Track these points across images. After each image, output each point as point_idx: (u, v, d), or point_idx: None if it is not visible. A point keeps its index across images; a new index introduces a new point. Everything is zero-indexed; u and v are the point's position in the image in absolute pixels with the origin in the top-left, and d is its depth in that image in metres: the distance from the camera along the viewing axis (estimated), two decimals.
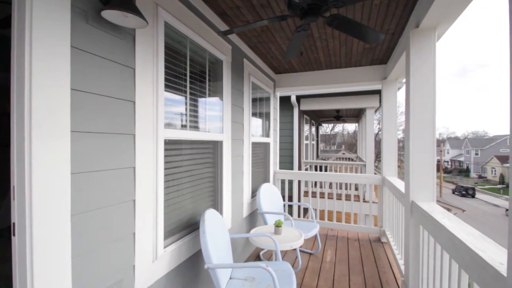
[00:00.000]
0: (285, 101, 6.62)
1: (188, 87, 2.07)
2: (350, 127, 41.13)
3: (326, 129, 37.53)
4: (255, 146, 3.58)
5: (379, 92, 6.31)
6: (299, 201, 5.74)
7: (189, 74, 2.08)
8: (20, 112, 0.99)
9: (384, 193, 3.71)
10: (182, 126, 2.05)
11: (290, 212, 5.08)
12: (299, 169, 6.91)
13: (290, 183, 4.58)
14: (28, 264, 0.98)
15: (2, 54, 1.89)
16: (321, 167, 7.77)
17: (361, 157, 10.48)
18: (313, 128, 10.61)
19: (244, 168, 3.10)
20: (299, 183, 5.13)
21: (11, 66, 1.01)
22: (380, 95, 6.34)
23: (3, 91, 1.95)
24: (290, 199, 5.59)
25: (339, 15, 1.74)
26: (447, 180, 40.96)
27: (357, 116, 11.06)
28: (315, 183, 6.60)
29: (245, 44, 3.09)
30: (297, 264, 2.95)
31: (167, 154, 1.82)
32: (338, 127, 41.20)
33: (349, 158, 12.58)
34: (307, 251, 3.36)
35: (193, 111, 2.18)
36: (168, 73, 1.81)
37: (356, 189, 6.73)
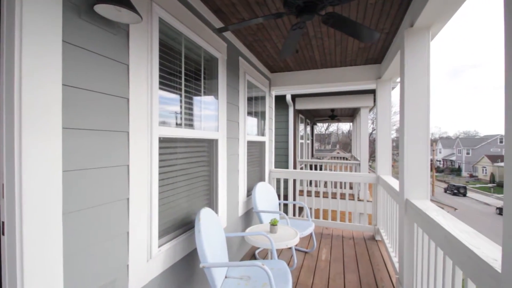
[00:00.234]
0: (280, 100, 6.62)
1: (183, 84, 2.05)
2: (345, 126, 41.46)
3: (321, 128, 37.75)
4: (251, 145, 3.57)
5: (373, 92, 6.36)
6: (294, 200, 5.75)
7: (184, 71, 2.06)
8: (9, 108, 0.96)
9: (379, 191, 3.74)
10: (177, 124, 2.03)
11: (285, 211, 5.08)
12: (294, 168, 6.92)
13: (286, 182, 4.59)
14: (18, 264, 0.96)
15: None
16: (316, 166, 7.80)
17: (355, 156, 10.56)
18: (308, 128, 10.65)
19: (240, 167, 3.09)
20: (294, 182, 5.14)
21: (0, 60, 0.98)
22: (375, 95, 6.40)
23: None
24: (286, 198, 5.60)
25: (335, 13, 1.74)
26: (439, 179, 41.60)
27: (352, 115, 11.14)
28: (310, 182, 6.63)
29: (241, 42, 3.08)
30: (293, 262, 2.95)
31: (162, 152, 1.79)
32: (333, 127, 41.49)
33: (343, 157, 12.66)
34: (302, 249, 3.37)
35: (188, 109, 2.16)
36: (163, 70, 1.78)
37: (351, 188, 6.77)
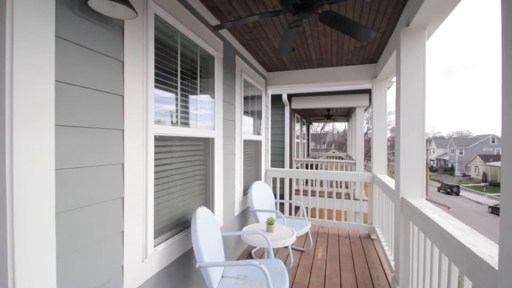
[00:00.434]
0: (277, 100, 6.62)
1: (179, 82, 2.03)
2: (340, 126, 41.68)
3: (316, 128, 37.90)
4: (247, 144, 3.55)
5: (368, 92, 6.40)
6: (290, 199, 5.75)
7: (180, 69, 2.03)
8: (0, 104, 0.93)
9: (374, 190, 3.76)
10: (173, 122, 2.01)
11: (281, 210, 5.08)
12: (290, 167, 6.93)
13: (282, 181, 4.58)
14: (10, 264, 0.93)
15: None
16: (312, 165, 7.83)
17: (351, 155, 10.62)
18: (304, 127, 10.67)
19: (236, 166, 3.08)
20: (290, 181, 5.14)
21: None
22: (370, 94, 6.44)
23: None
24: (282, 197, 5.59)
25: (332, 12, 1.74)
26: (433, 179, 42.12)
27: (347, 115, 11.20)
28: (306, 181, 6.65)
29: (237, 40, 3.06)
30: (289, 261, 2.95)
31: (158, 151, 1.77)
32: (328, 126, 41.68)
33: (339, 156, 12.72)
34: (298, 248, 3.37)
35: (184, 107, 2.14)
36: (159, 68, 1.76)
37: (347, 187, 6.81)
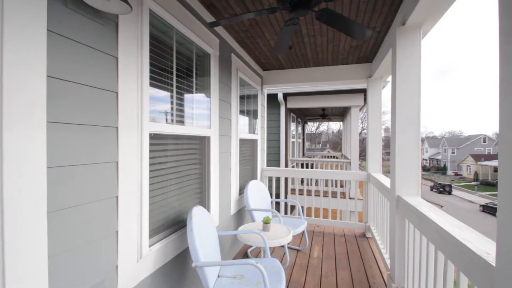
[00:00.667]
0: (272, 99, 6.61)
1: (175, 80, 2.00)
2: (335, 126, 41.90)
3: (311, 128, 38.05)
4: (243, 143, 3.54)
5: (363, 91, 6.44)
6: (286, 198, 5.76)
7: (176, 66, 2.01)
8: None
9: (369, 189, 3.78)
10: (169, 120, 1.98)
11: (277, 209, 5.07)
12: (286, 166, 6.93)
13: (278, 180, 4.58)
14: None
15: None
16: (308, 164, 7.84)
17: (345, 155, 10.68)
18: (299, 127, 10.70)
19: (232, 165, 3.06)
20: (285, 180, 5.14)
21: None
22: (365, 94, 6.47)
23: None
24: (277, 196, 5.60)
25: (329, 10, 1.73)
26: (426, 178, 42.69)
27: (342, 114, 11.26)
28: (302, 180, 6.67)
29: (233, 38, 3.04)
30: (285, 260, 2.95)
31: (153, 149, 1.74)
32: (323, 126, 41.87)
33: (334, 156, 12.79)
34: (294, 247, 3.36)
35: (180, 105, 2.11)
36: (154, 65, 1.73)
37: (342, 186, 6.84)
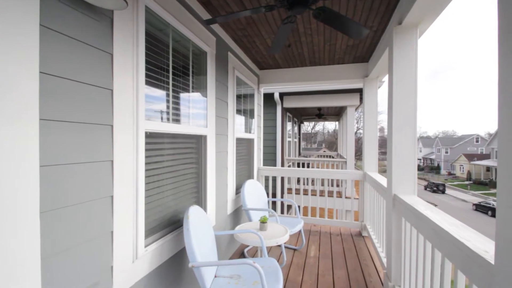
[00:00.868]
0: (268, 98, 6.60)
1: (171, 78, 1.97)
2: (330, 126, 42.13)
3: (307, 127, 38.17)
4: (239, 142, 3.52)
5: (359, 91, 6.47)
6: (282, 197, 5.76)
7: (172, 64, 1.98)
8: None
9: (365, 188, 3.80)
10: (165, 118, 1.95)
11: (273, 209, 5.06)
12: (282, 166, 6.93)
13: (274, 180, 4.57)
14: None
15: None
16: (304, 164, 7.86)
17: (341, 154, 10.73)
18: (296, 126, 10.71)
19: (229, 164, 3.04)
20: (282, 180, 5.14)
21: None
22: (361, 94, 6.51)
23: None
24: (274, 196, 5.59)
25: (326, 8, 1.73)
26: (420, 177, 43.13)
27: (338, 114, 11.31)
28: (298, 180, 6.68)
29: (230, 37, 3.02)
30: (282, 260, 2.94)
31: (149, 148, 1.72)
32: (319, 126, 42.06)
33: (330, 155, 12.84)
34: (291, 246, 3.36)
35: (176, 104, 2.09)
36: (150, 62, 1.71)
37: (338, 185, 6.87)
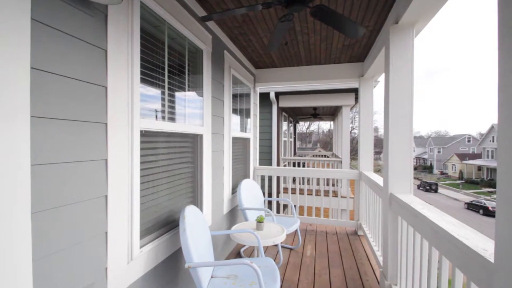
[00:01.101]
0: (264, 98, 6.59)
1: (167, 76, 1.94)
2: (325, 125, 42.33)
3: (302, 127, 38.30)
4: (235, 141, 3.50)
5: (354, 91, 6.50)
6: (277, 197, 5.75)
7: (168, 62, 1.95)
8: None
9: (361, 187, 3.81)
10: (160, 117, 1.92)
11: (269, 208, 5.07)
12: (278, 165, 6.93)
13: (270, 179, 4.56)
14: None
15: None
16: (299, 163, 7.87)
17: (336, 154, 10.78)
18: (291, 126, 10.72)
19: (225, 164, 3.01)
20: (277, 179, 5.14)
21: None
22: (356, 93, 6.54)
23: None
24: (270, 195, 5.59)
25: (324, 6, 1.72)
26: (413, 177, 43.63)
27: (333, 114, 11.36)
28: (294, 179, 6.68)
29: (226, 35, 2.99)
30: (279, 259, 2.93)
31: (144, 147, 1.68)
32: (314, 126, 42.24)
33: (325, 155, 12.90)
34: (287, 246, 3.35)
35: (172, 102, 2.06)
36: (145, 59, 1.67)
37: (333, 185, 6.90)
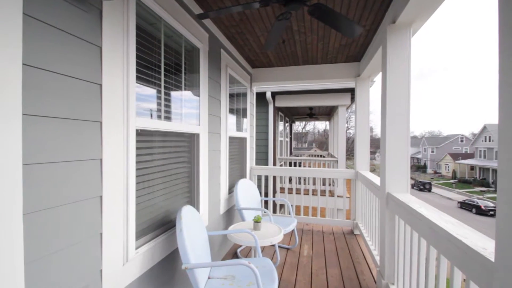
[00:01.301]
0: (261, 98, 6.58)
1: (163, 74, 1.91)
2: (321, 125, 42.54)
3: (297, 127, 38.41)
4: (232, 141, 3.47)
5: (350, 91, 6.53)
6: (274, 197, 5.74)
7: (164, 60, 1.92)
8: None
9: (357, 186, 3.82)
10: (157, 116, 1.89)
11: (266, 208, 5.05)
12: (274, 165, 6.92)
13: (266, 179, 4.55)
14: None
15: None
16: (296, 163, 7.88)
17: (332, 154, 10.82)
18: (287, 125, 10.73)
19: (221, 163, 2.99)
20: (274, 179, 5.13)
21: None
22: (352, 93, 6.57)
23: None
24: (266, 195, 5.57)
25: (322, 5, 1.71)
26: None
27: (329, 114, 11.40)
28: (290, 179, 6.68)
29: (223, 34, 2.97)
30: (276, 259, 2.92)
31: (140, 146, 1.65)
32: (309, 126, 42.40)
33: (321, 155, 12.94)
34: (284, 246, 3.34)
35: (168, 101, 2.03)
36: (141, 57, 1.64)
37: (330, 184, 6.91)
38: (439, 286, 1.32)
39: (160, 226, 1.92)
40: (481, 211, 23.09)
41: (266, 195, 5.43)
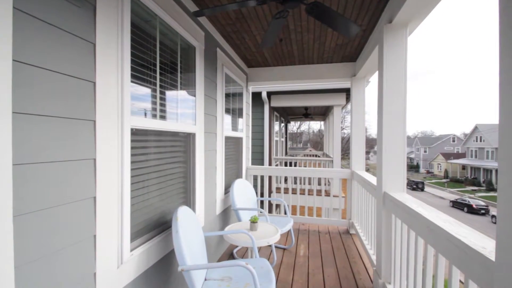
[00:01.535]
0: (256, 97, 6.56)
1: (158, 72, 1.88)
2: (315, 125, 42.72)
3: (292, 127, 38.52)
4: (228, 141, 3.45)
5: (346, 91, 6.55)
6: (269, 197, 5.73)
7: (159, 58, 1.89)
8: None
9: (353, 186, 3.83)
10: (152, 115, 1.85)
11: (261, 208, 5.03)
12: (270, 165, 6.91)
13: (262, 179, 4.53)
14: None
15: None
16: (291, 163, 7.88)
17: (327, 153, 10.87)
18: (282, 125, 10.74)
19: (217, 163, 2.96)
20: (269, 179, 5.12)
21: None
22: (347, 93, 6.59)
23: None
24: (262, 195, 5.56)
25: (320, 4, 1.70)
26: None
27: (324, 114, 11.44)
28: (286, 179, 6.67)
29: (219, 32, 2.94)
30: (272, 259, 2.90)
31: (134, 146, 1.62)
32: (304, 126, 42.55)
33: (316, 155, 12.98)
34: (281, 246, 3.33)
35: (163, 99, 1.99)
36: (135, 55, 1.61)
37: (325, 184, 6.93)
38: (436, 284, 1.32)
39: (155, 227, 1.89)
40: (472, 210, 23.49)
41: (262, 195, 5.41)
